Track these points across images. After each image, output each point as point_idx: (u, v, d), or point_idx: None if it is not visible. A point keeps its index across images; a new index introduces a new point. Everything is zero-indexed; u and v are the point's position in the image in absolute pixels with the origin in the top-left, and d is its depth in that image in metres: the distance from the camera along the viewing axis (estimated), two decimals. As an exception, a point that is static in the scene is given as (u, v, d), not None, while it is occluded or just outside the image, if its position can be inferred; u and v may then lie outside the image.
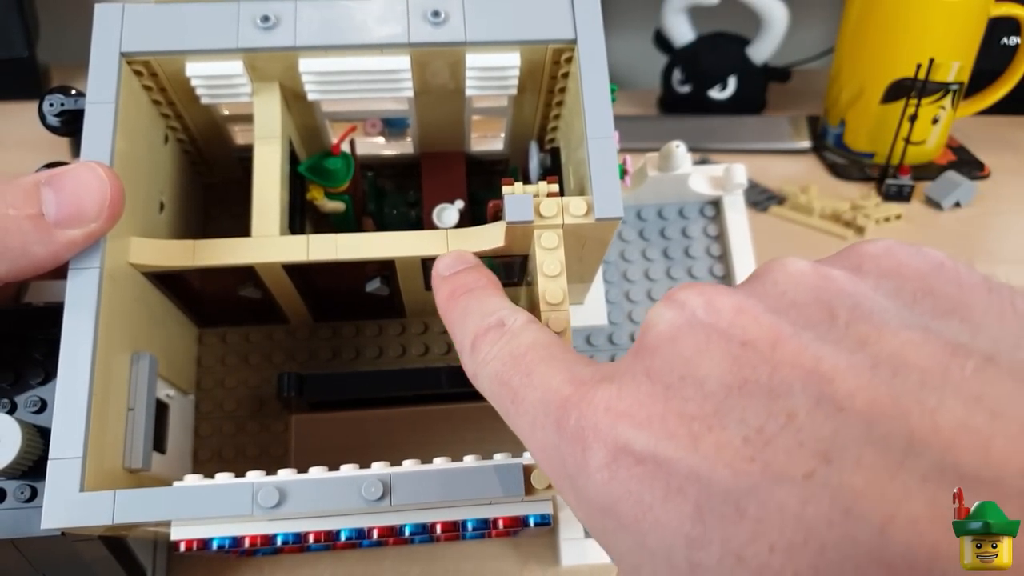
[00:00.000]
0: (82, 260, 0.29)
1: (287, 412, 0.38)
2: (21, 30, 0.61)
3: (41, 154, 0.58)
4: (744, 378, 0.16)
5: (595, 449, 0.17)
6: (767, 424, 0.15)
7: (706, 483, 0.15)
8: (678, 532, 0.15)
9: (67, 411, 0.27)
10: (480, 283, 0.27)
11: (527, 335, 0.23)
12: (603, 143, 0.31)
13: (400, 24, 0.32)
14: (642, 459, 0.16)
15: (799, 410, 0.15)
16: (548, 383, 0.20)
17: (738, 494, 0.15)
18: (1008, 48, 0.65)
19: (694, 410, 0.16)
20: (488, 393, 0.23)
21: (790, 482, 0.14)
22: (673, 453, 0.16)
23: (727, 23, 0.69)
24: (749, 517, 0.15)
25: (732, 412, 0.16)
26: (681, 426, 0.16)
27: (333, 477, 0.27)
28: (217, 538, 0.29)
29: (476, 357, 0.24)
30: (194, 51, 0.32)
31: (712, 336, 0.17)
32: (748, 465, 0.15)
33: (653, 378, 0.17)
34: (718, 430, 0.16)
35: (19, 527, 0.30)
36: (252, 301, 0.36)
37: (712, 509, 0.15)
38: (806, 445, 0.14)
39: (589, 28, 0.32)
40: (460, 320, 0.26)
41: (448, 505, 0.29)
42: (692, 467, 0.16)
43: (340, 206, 0.38)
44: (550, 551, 0.39)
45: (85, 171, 0.28)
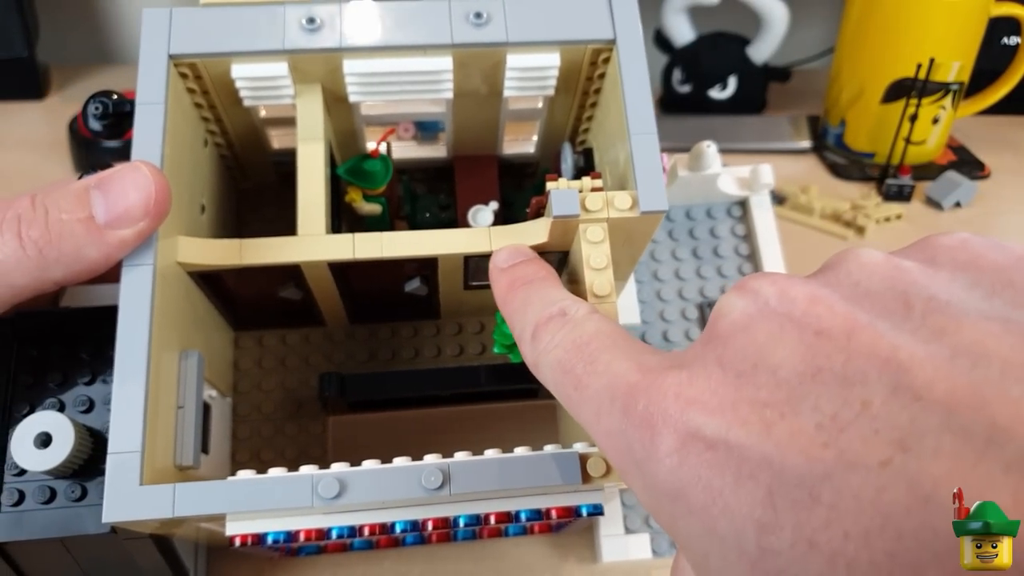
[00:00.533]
0: (135, 258, 0.29)
1: (325, 413, 0.39)
2: (21, 30, 0.61)
3: (41, 154, 0.59)
4: (818, 366, 0.16)
5: (664, 435, 0.17)
6: (841, 411, 0.15)
7: (778, 469, 0.15)
8: (749, 517, 0.15)
9: (125, 406, 0.27)
10: (540, 274, 0.27)
11: (590, 324, 0.23)
12: (646, 138, 0.32)
13: (443, 25, 0.33)
14: (713, 445, 0.16)
15: (874, 398, 0.15)
16: (614, 370, 0.20)
17: (812, 480, 0.15)
18: (1008, 48, 0.66)
19: (766, 397, 0.16)
20: (549, 381, 0.23)
21: (866, 469, 0.14)
22: (745, 439, 0.16)
23: (727, 23, 0.69)
24: (823, 503, 0.15)
25: (806, 399, 0.16)
26: (753, 413, 0.16)
27: (392, 467, 0.28)
28: (272, 533, 0.29)
29: (537, 346, 0.24)
30: (240, 52, 0.32)
31: (785, 325, 0.17)
32: (822, 451, 0.15)
33: (725, 366, 0.17)
34: (791, 417, 0.16)
35: (70, 526, 0.30)
36: (290, 303, 0.37)
37: (784, 495, 0.15)
38: (882, 433, 0.14)
39: (628, 28, 0.33)
40: (520, 310, 0.26)
41: (503, 496, 0.29)
42: (764, 453, 0.16)
43: (377, 208, 0.38)
44: (589, 549, 0.39)
45: (131, 171, 0.29)
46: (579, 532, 0.39)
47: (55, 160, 0.59)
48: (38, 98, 0.65)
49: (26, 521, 0.30)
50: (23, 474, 0.30)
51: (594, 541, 0.38)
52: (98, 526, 0.30)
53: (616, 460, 0.19)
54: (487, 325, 0.41)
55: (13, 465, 0.30)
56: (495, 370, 0.37)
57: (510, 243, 0.31)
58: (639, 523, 0.38)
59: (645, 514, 0.38)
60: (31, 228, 0.28)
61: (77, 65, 0.69)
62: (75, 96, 0.65)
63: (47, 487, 0.30)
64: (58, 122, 0.60)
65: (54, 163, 0.59)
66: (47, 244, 0.28)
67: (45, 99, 0.65)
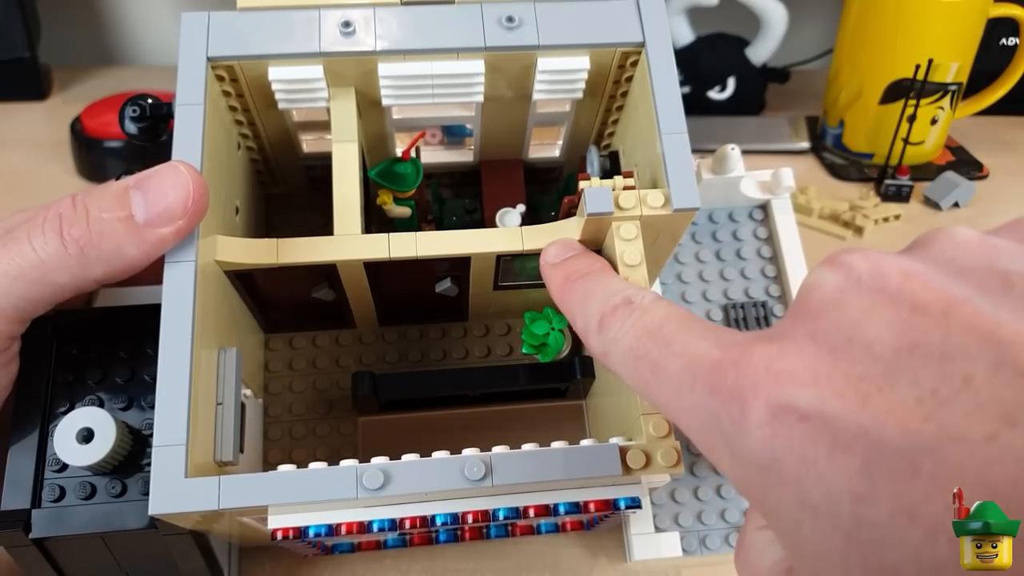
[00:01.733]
0: (178, 254, 0.29)
1: (356, 414, 0.39)
2: (22, 31, 0.62)
3: (43, 155, 0.60)
4: (915, 341, 0.16)
5: (756, 407, 0.17)
6: (941, 386, 0.15)
7: (875, 441, 0.15)
8: (844, 488, 0.15)
9: (169, 399, 0.27)
10: (595, 267, 0.28)
11: (658, 309, 0.23)
12: (677, 138, 0.32)
13: (476, 29, 0.34)
14: (807, 416, 0.16)
15: (976, 373, 0.15)
16: (693, 350, 0.20)
17: (912, 452, 0.15)
18: (1007, 49, 0.66)
19: (862, 371, 0.16)
20: (622, 368, 0.23)
21: (970, 443, 0.14)
22: (841, 411, 0.16)
23: (726, 24, 0.70)
24: (924, 475, 0.14)
25: (903, 374, 0.16)
26: (849, 386, 0.16)
27: (434, 460, 0.28)
28: (313, 526, 0.29)
29: (606, 335, 0.24)
30: (277, 55, 0.33)
31: (879, 300, 0.17)
32: (922, 424, 0.15)
33: (818, 340, 0.17)
34: (888, 391, 0.16)
35: (110, 522, 0.30)
36: (322, 304, 0.37)
37: (882, 466, 0.15)
38: (986, 408, 0.14)
39: (657, 30, 0.34)
40: (581, 302, 0.26)
41: (542, 489, 0.29)
42: (861, 424, 0.15)
43: (406, 211, 0.39)
44: (619, 549, 0.39)
45: (169, 171, 0.29)
46: (609, 531, 0.39)
47: (57, 160, 0.59)
48: (40, 98, 0.65)
49: (67, 517, 0.30)
50: (63, 470, 0.31)
51: (624, 540, 0.38)
52: (139, 522, 0.30)
53: (700, 436, 0.19)
54: (514, 327, 0.41)
55: (54, 461, 0.30)
56: (526, 370, 0.37)
57: (555, 239, 0.31)
58: (669, 522, 0.38)
59: (675, 512, 0.38)
60: (72, 227, 0.28)
61: (79, 65, 0.69)
62: (77, 96, 0.65)
63: (87, 483, 0.30)
64: (60, 122, 0.60)
65: (56, 163, 0.59)
66: (88, 243, 0.28)
67: (47, 99, 0.65)
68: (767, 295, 0.42)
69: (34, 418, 0.31)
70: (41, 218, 0.28)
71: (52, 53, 0.67)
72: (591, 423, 0.39)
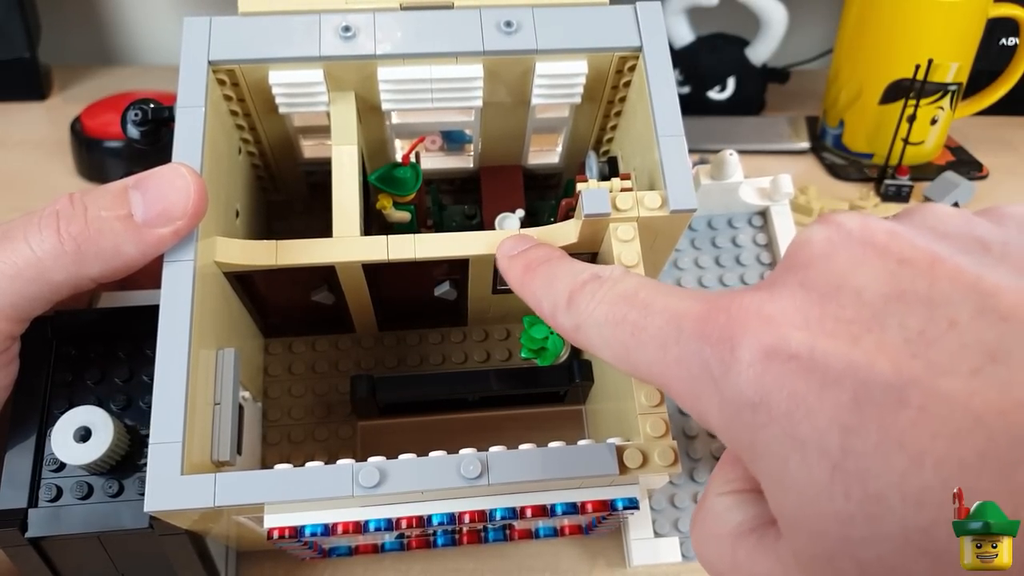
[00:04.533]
0: (176, 254, 0.30)
1: (356, 417, 0.39)
2: (22, 31, 0.62)
3: (43, 155, 0.60)
4: (902, 289, 0.16)
5: (746, 346, 0.18)
6: (928, 328, 0.16)
7: (865, 375, 0.16)
8: (833, 421, 0.16)
9: (166, 396, 0.27)
10: (555, 254, 0.28)
11: (630, 279, 0.23)
12: (674, 140, 0.33)
13: (474, 34, 0.34)
14: (797, 355, 0.17)
15: (961, 317, 0.16)
16: (675, 307, 0.20)
17: (900, 386, 0.15)
18: (1007, 49, 0.66)
19: (851, 315, 0.17)
20: (598, 339, 0.23)
21: (956, 376, 0.15)
22: (831, 349, 0.16)
23: (726, 24, 0.70)
24: (911, 406, 0.15)
25: (891, 317, 0.16)
26: (839, 327, 0.17)
27: (431, 458, 0.28)
28: (310, 525, 0.29)
29: (576, 309, 0.23)
30: (278, 59, 0.33)
31: (868, 252, 0.18)
32: (910, 361, 0.15)
33: (808, 287, 0.18)
34: (877, 332, 0.16)
35: (107, 521, 0.30)
36: (321, 308, 0.37)
37: (871, 399, 0.16)
38: (970, 347, 0.15)
39: (654, 35, 0.34)
40: (546, 285, 0.26)
41: (539, 488, 0.29)
42: (851, 361, 0.16)
43: (406, 216, 0.39)
44: (618, 554, 0.39)
45: (169, 172, 0.29)
46: (608, 536, 0.39)
47: (57, 160, 0.59)
48: (40, 99, 0.65)
49: (63, 516, 0.30)
50: (61, 469, 0.31)
51: (623, 545, 0.38)
52: (136, 521, 0.30)
53: (688, 387, 0.19)
54: (513, 331, 0.41)
55: (51, 460, 0.30)
56: (525, 374, 0.37)
57: (508, 236, 0.31)
58: (668, 527, 0.37)
59: (675, 518, 0.38)
60: (70, 224, 0.29)
61: (79, 66, 0.69)
62: (77, 97, 0.65)
63: (84, 483, 0.30)
64: (60, 122, 0.60)
65: (56, 163, 0.59)
66: (86, 240, 0.29)
67: (47, 100, 0.66)
68: (766, 301, 0.42)
69: (32, 418, 0.31)
70: (38, 216, 0.29)
71: (52, 53, 0.67)
72: (590, 427, 0.39)
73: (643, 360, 0.21)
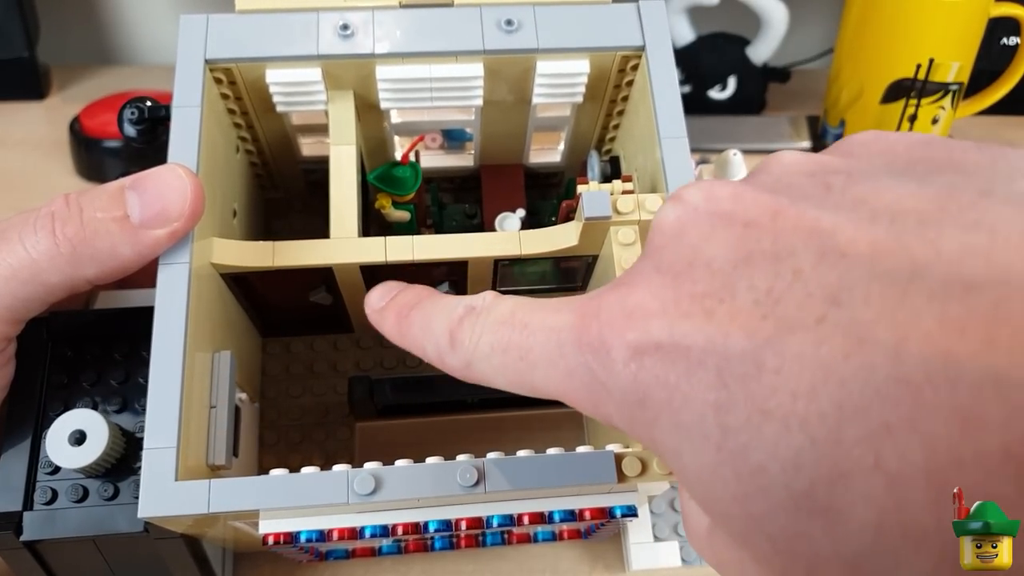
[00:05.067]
0: (172, 256, 0.29)
1: (353, 419, 0.39)
2: (21, 30, 0.61)
3: (42, 154, 0.59)
4: (749, 251, 0.17)
5: (618, 347, 0.18)
6: (775, 284, 0.16)
7: (723, 350, 0.16)
8: (705, 401, 0.16)
9: (160, 401, 0.27)
10: (423, 295, 0.26)
11: (502, 304, 0.22)
12: (676, 142, 0.32)
13: (475, 32, 0.33)
14: (660, 344, 0.17)
15: (804, 265, 0.16)
16: (551, 323, 0.20)
17: (755, 351, 0.15)
18: (1008, 48, 0.65)
19: (704, 289, 0.17)
20: (490, 369, 0.22)
21: (803, 329, 0.15)
22: (689, 329, 0.17)
23: (727, 23, 0.69)
24: (768, 370, 0.15)
25: (740, 282, 0.16)
26: (694, 305, 0.17)
27: (427, 465, 0.28)
28: (305, 531, 0.29)
29: (460, 347, 0.23)
30: (275, 58, 0.33)
31: (715, 222, 0.18)
32: (761, 323, 0.15)
33: (662, 271, 0.18)
34: (729, 300, 0.16)
35: (102, 525, 0.30)
36: (320, 308, 0.37)
37: (732, 372, 0.16)
38: (814, 294, 0.15)
39: (657, 34, 0.34)
40: (424, 329, 0.25)
41: (537, 496, 0.29)
42: (708, 337, 0.16)
43: (405, 215, 0.38)
44: (618, 558, 0.38)
45: (167, 173, 0.29)
46: (607, 540, 0.39)
47: (56, 160, 0.59)
48: (39, 98, 0.65)
49: (58, 519, 0.30)
50: (56, 472, 0.30)
51: (622, 549, 0.38)
52: (131, 525, 0.30)
53: (587, 396, 0.19)
54: (514, 333, 0.41)
55: (46, 463, 0.30)
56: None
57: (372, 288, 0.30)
58: (668, 531, 0.37)
59: (674, 522, 0.37)
60: (66, 225, 0.28)
61: (78, 65, 0.69)
62: (76, 96, 0.65)
63: (79, 486, 0.30)
64: (59, 122, 0.60)
65: (55, 163, 0.59)
66: (81, 241, 0.28)
67: (46, 99, 0.65)
68: (770, 302, 0.41)
69: (28, 420, 0.31)
70: (33, 217, 0.28)
71: (51, 53, 0.67)
72: (589, 431, 0.39)
73: (538, 380, 0.20)
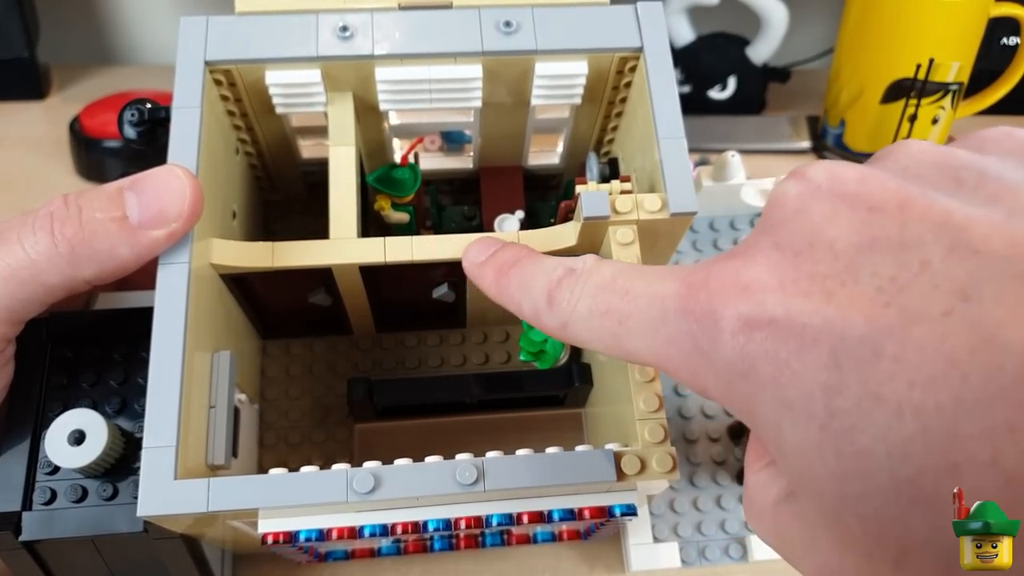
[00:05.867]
0: (171, 256, 0.29)
1: (353, 420, 0.39)
2: (21, 30, 0.61)
3: (42, 154, 0.59)
4: (873, 236, 0.16)
5: (728, 318, 0.18)
6: (900, 273, 0.16)
7: (840, 332, 0.16)
8: (815, 381, 0.16)
9: (160, 400, 0.27)
10: (523, 252, 0.27)
11: (605, 267, 0.23)
12: (675, 143, 0.32)
13: (473, 34, 0.33)
14: (775, 320, 0.17)
15: (932, 257, 0.15)
16: (656, 290, 0.20)
17: (874, 337, 0.15)
18: (1008, 48, 0.65)
19: (825, 270, 0.17)
20: (587, 332, 0.22)
21: (928, 320, 0.15)
22: (807, 308, 0.16)
23: (727, 23, 0.69)
24: (886, 357, 0.15)
25: (864, 267, 0.16)
26: (813, 285, 0.17)
27: (426, 464, 0.28)
28: (304, 531, 0.29)
29: (558, 307, 0.23)
30: (274, 59, 0.33)
31: (838, 203, 0.17)
32: (883, 311, 0.15)
33: (782, 248, 0.18)
34: (851, 284, 0.16)
35: (101, 525, 0.30)
36: (319, 310, 0.37)
37: (848, 355, 0.16)
38: (942, 287, 0.15)
39: (655, 36, 0.34)
40: (522, 287, 0.25)
41: (536, 495, 0.29)
42: (826, 318, 0.16)
43: (404, 217, 0.39)
44: (617, 559, 0.38)
45: (165, 174, 0.29)
46: (607, 540, 0.39)
47: (56, 160, 0.59)
48: (39, 98, 0.65)
49: (58, 520, 0.30)
50: (55, 473, 0.30)
51: (622, 550, 0.38)
52: (130, 525, 0.30)
53: (684, 364, 0.19)
54: (512, 334, 0.41)
55: (46, 463, 0.30)
56: (523, 377, 0.37)
57: (472, 241, 0.30)
58: (668, 532, 0.37)
59: (674, 523, 0.37)
60: (64, 226, 0.28)
61: (78, 65, 0.69)
62: (76, 96, 0.64)
63: (79, 486, 0.30)
64: (59, 122, 0.60)
65: (55, 163, 0.59)
66: (80, 242, 0.28)
67: (46, 99, 0.65)
68: (768, 304, 0.42)
69: (27, 420, 0.31)
70: (32, 218, 0.28)
71: (51, 53, 0.67)
72: (589, 432, 0.39)
73: (635, 346, 0.21)
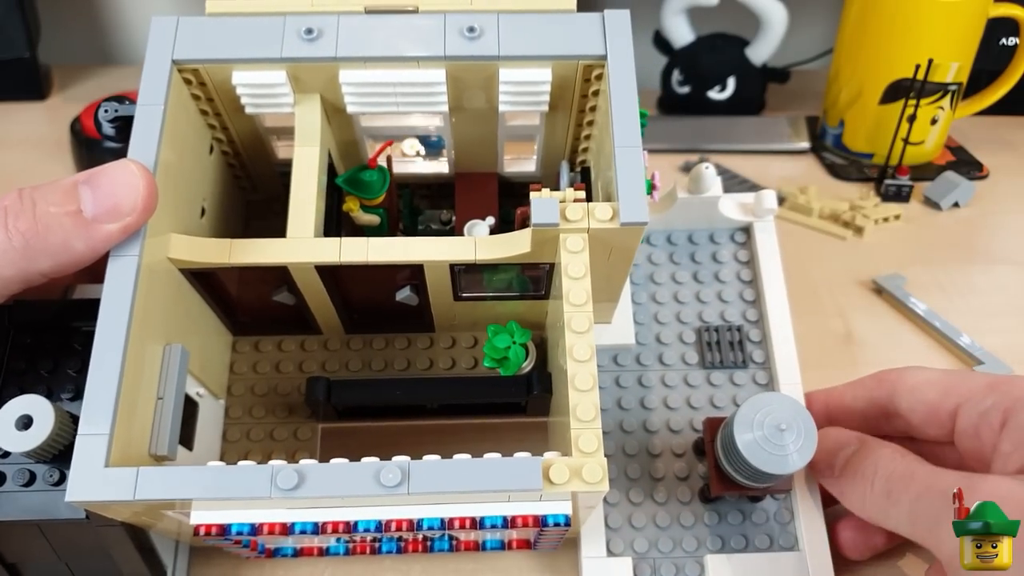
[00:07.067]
0: (121, 249, 0.30)
1: (315, 419, 0.39)
2: (22, 30, 0.62)
3: (43, 154, 0.60)
4: None
5: None
6: None
7: None
8: None
9: (97, 389, 0.28)
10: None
11: None
12: (630, 151, 0.32)
13: (437, 39, 0.34)
14: None
15: None
16: None
17: None
18: (1007, 48, 0.65)
19: None
20: None
21: None
22: None
23: (726, 24, 0.69)
24: None
25: None
26: None
27: (353, 464, 0.28)
28: (235, 524, 0.29)
29: None
30: (240, 60, 0.34)
31: None
32: None
33: None
34: None
35: (46, 510, 0.30)
36: (285, 309, 0.37)
37: None
38: None
39: (619, 44, 0.33)
40: None
41: (466, 500, 0.29)
42: None
43: (375, 219, 0.39)
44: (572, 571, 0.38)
45: (120, 169, 0.30)
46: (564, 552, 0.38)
47: (57, 160, 0.60)
48: (40, 98, 0.66)
49: (5, 502, 0.30)
50: (6, 457, 0.31)
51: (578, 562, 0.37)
52: (72, 511, 0.30)
53: None
54: (480, 339, 0.41)
55: (-3, 447, 0.31)
56: (482, 383, 0.37)
57: None
58: (623, 546, 0.37)
59: (631, 538, 0.37)
60: (18, 220, 0.29)
61: (78, 65, 0.70)
62: (77, 96, 0.65)
63: (27, 470, 0.31)
64: (60, 122, 0.61)
65: (56, 163, 0.60)
66: (34, 236, 0.29)
67: (47, 99, 0.66)
68: (744, 319, 0.41)
69: (-16, 405, 0.32)
70: None
71: (52, 53, 0.68)
72: (550, 441, 0.39)
73: None
